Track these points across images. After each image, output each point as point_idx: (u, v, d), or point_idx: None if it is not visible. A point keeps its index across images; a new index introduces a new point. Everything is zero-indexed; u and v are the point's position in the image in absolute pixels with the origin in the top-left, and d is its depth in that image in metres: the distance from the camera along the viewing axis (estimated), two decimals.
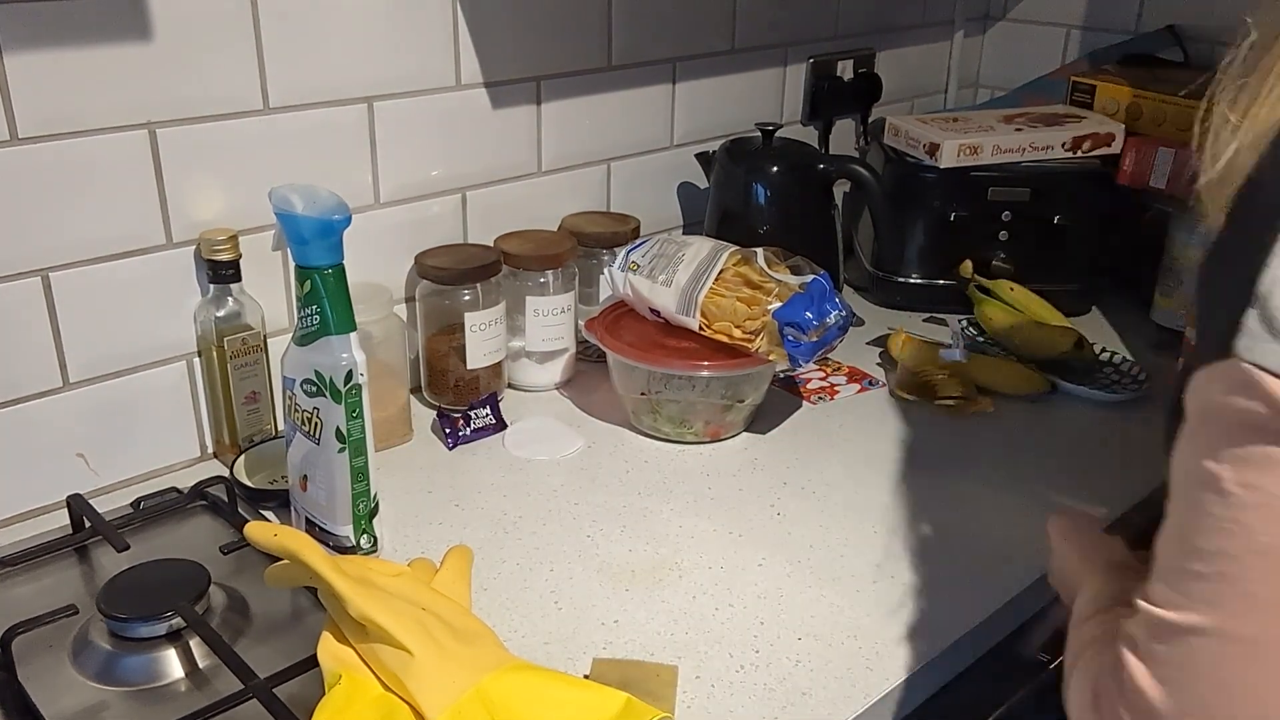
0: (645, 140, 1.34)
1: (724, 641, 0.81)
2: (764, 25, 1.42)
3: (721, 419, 1.09)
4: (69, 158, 0.90)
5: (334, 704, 0.67)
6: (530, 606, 0.85)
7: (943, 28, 1.71)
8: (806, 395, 1.19)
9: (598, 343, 1.10)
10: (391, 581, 0.74)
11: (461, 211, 1.19)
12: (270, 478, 1.00)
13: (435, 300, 1.13)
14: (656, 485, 1.02)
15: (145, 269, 0.96)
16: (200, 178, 0.97)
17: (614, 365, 1.10)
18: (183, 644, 0.77)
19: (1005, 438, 1.12)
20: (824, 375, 1.23)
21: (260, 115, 1.00)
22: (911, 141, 1.39)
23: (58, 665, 0.77)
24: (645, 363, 1.06)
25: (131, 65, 0.91)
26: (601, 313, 1.14)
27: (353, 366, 0.83)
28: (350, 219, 0.81)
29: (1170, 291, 1.30)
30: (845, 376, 1.23)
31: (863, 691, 0.77)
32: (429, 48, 1.10)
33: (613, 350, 1.08)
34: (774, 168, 1.28)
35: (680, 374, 1.05)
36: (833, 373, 1.23)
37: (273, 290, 1.05)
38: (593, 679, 0.74)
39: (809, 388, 1.20)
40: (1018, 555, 0.93)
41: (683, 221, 1.42)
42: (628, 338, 1.10)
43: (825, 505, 0.99)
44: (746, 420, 1.11)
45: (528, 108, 1.21)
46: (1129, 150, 1.38)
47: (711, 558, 0.91)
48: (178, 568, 0.83)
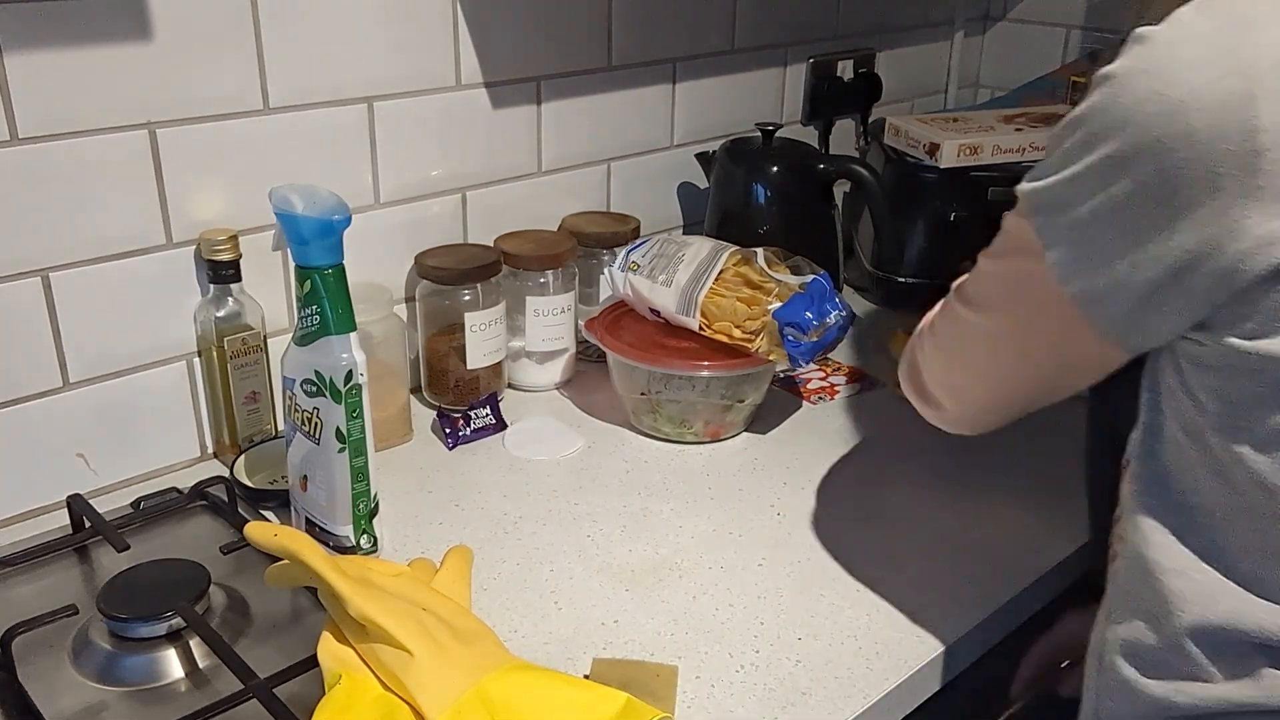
0: (645, 140, 1.34)
1: (724, 641, 0.81)
2: (764, 25, 1.42)
3: (721, 419, 1.09)
4: (69, 158, 0.90)
5: (334, 704, 0.67)
6: (530, 606, 0.85)
7: (943, 28, 1.71)
8: (806, 395, 1.19)
9: (597, 343, 1.10)
10: (391, 581, 0.74)
11: (461, 211, 1.19)
12: (270, 478, 1.00)
13: (435, 300, 1.13)
14: (656, 485, 1.02)
15: (145, 269, 0.96)
16: (200, 178, 0.97)
17: (614, 365, 1.10)
18: (183, 644, 0.77)
19: (1006, 438, 1.12)
20: (824, 375, 1.23)
21: (260, 115, 1.00)
22: (912, 141, 1.39)
23: (58, 665, 0.77)
24: (645, 363, 1.06)
25: (132, 65, 0.91)
26: (602, 313, 1.14)
27: (353, 366, 0.83)
28: (350, 219, 0.81)
29: None
30: (845, 376, 1.23)
31: (863, 691, 0.77)
32: (429, 48, 1.10)
33: (612, 350, 1.08)
34: (774, 168, 1.28)
35: (680, 374, 1.05)
36: (833, 373, 1.23)
37: (273, 290, 1.05)
38: (593, 679, 0.74)
39: (809, 388, 1.20)
40: (1018, 555, 0.93)
41: (683, 221, 1.42)
42: (628, 338, 1.10)
43: (825, 505, 0.99)
44: (746, 420, 1.11)
45: (528, 107, 1.21)
46: None
47: (712, 558, 0.91)
48: (178, 568, 0.83)
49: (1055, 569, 0.92)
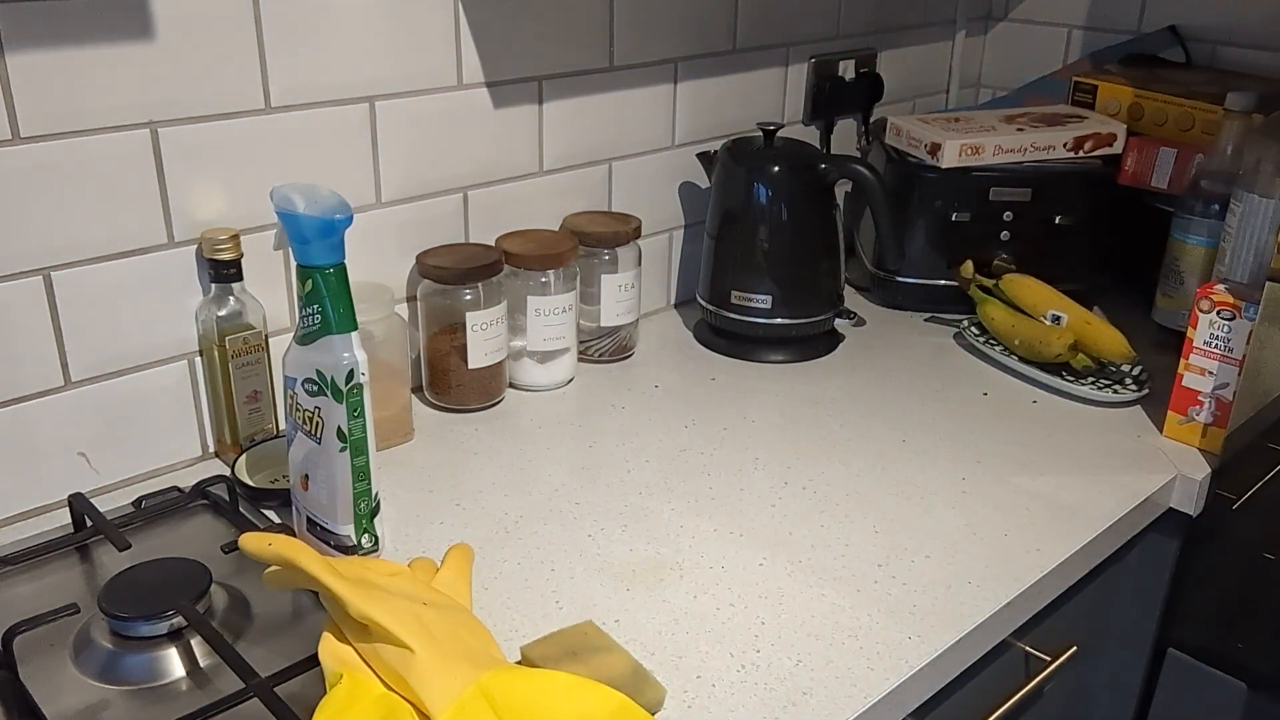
0: (647, 140, 1.34)
1: (725, 641, 0.81)
2: (765, 25, 1.42)
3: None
4: (71, 157, 0.90)
5: (335, 703, 0.67)
6: (531, 606, 0.85)
7: (944, 27, 1.71)
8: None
9: None
10: (390, 581, 0.75)
11: (463, 211, 1.19)
12: (271, 477, 1.00)
13: (437, 300, 1.13)
14: (657, 485, 1.02)
15: (147, 268, 0.97)
16: (202, 177, 0.98)
17: None
18: (184, 643, 0.78)
19: (1007, 438, 1.12)
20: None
21: (262, 114, 1.00)
22: (913, 141, 1.39)
23: (59, 664, 0.77)
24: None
25: (133, 64, 0.91)
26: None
27: (354, 366, 0.83)
28: (352, 218, 0.81)
29: (1172, 291, 1.30)
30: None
31: (863, 691, 0.77)
32: (431, 47, 1.10)
33: None
34: (775, 168, 1.28)
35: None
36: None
37: (274, 289, 1.05)
38: (537, 663, 0.73)
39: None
40: (1019, 555, 0.93)
41: (684, 222, 1.42)
42: None
43: (826, 505, 0.99)
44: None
45: (529, 107, 1.21)
46: (1131, 150, 1.38)
47: (712, 557, 0.92)
48: (179, 567, 0.83)
49: (1056, 569, 0.92)
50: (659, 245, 1.40)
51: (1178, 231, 1.28)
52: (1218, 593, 1.11)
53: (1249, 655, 1.09)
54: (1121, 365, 1.24)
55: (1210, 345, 1.08)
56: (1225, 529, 1.08)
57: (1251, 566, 1.07)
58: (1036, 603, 0.92)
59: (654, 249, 1.39)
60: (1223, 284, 1.09)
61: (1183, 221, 1.27)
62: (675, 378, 1.25)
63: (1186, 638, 1.14)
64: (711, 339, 1.33)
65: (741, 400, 1.19)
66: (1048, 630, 1.01)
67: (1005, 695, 0.96)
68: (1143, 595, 1.16)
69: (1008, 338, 1.27)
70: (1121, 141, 1.38)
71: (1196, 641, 1.13)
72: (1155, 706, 1.18)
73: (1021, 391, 1.23)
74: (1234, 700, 1.11)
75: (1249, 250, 1.13)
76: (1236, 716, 1.11)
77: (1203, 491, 1.07)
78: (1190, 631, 1.14)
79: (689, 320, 1.40)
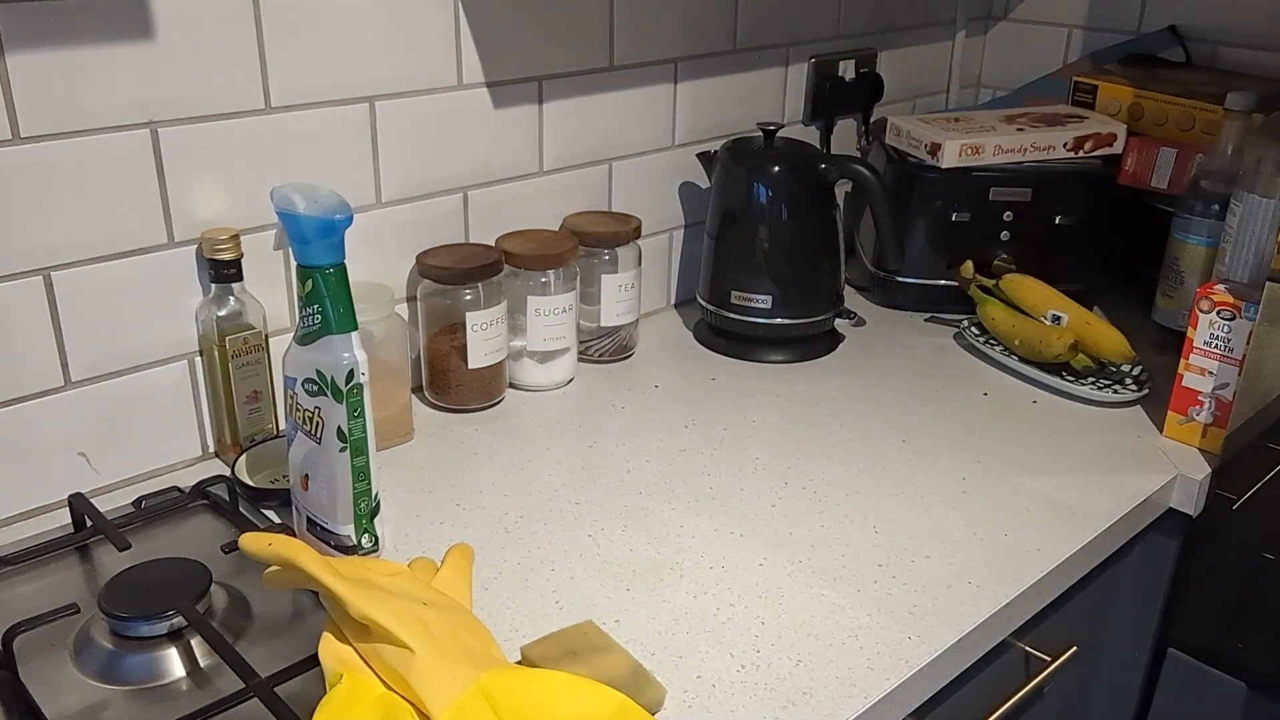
0: (647, 140, 1.34)
1: (725, 641, 0.81)
2: (766, 25, 1.42)
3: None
4: (71, 157, 0.90)
5: (335, 703, 0.67)
6: (531, 606, 0.85)
7: (944, 27, 1.71)
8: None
9: None
10: (390, 580, 0.75)
11: (463, 211, 1.19)
12: (272, 477, 1.00)
13: (437, 300, 1.13)
14: (657, 485, 1.02)
15: (147, 268, 0.97)
16: (202, 177, 0.98)
17: None
18: (184, 643, 0.78)
19: (1007, 438, 1.12)
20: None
21: (262, 114, 1.00)
22: (913, 141, 1.39)
23: (59, 664, 0.77)
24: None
25: (133, 64, 0.91)
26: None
27: (354, 366, 0.83)
28: (352, 218, 0.81)
29: (1172, 291, 1.30)
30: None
31: (863, 691, 0.77)
32: (431, 47, 1.10)
33: None
34: (775, 168, 1.28)
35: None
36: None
37: (274, 289, 1.05)
38: (537, 663, 0.74)
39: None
40: (1019, 555, 0.93)
41: (684, 222, 1.42)
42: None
43: (826, 505, 0.99)
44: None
45: (529, 107, 1.21)
46: (1131, 150, 1.38)
47: (712, 557, 0.92)
48: (179, 567, 0.83)
49: (1056, 569, 0.92)
50: (659, 245, 1.40)
51: (1178, 231, 1.28)
52: (1218, 593, 1.11)
53: (1249, 655, 1.09)
54: (1121, 365, 1.24)
55: (1210, 345, 1.08)
56: (1225, 529, 1.08)
57: (1251, 566, 1.07)
58: (1036, 603, 0.92)
59: (654, 249, 1.39)
60: (1223, 284, 1.09)
61: (1183, 221, 1.27)
62: (675, 378, 1.25)
63: (1186, 638, 1.14)
64: (711, 339, 1.33)
65: (741, 400, 1.19)
66: (1048, 630, 1.01)
67: (1005, 695, 0.96)
68: (1143, 595, 1.16)
69: (1008, 338, 1.27)
70: (1121, 141, 1.38)
71: (1196, 641, 1.13)
72: (1155, 706, 1.18)
73: (1021, 391, 1.23)
74: (1234, 700, 1.11)
75: (1249, 250, 1.13)
76: (1236, 716, 1.11)
77: (1203, 491, 1.07)
78: (1190, 631, 1.14)
79: (689, 320, 1.40)
